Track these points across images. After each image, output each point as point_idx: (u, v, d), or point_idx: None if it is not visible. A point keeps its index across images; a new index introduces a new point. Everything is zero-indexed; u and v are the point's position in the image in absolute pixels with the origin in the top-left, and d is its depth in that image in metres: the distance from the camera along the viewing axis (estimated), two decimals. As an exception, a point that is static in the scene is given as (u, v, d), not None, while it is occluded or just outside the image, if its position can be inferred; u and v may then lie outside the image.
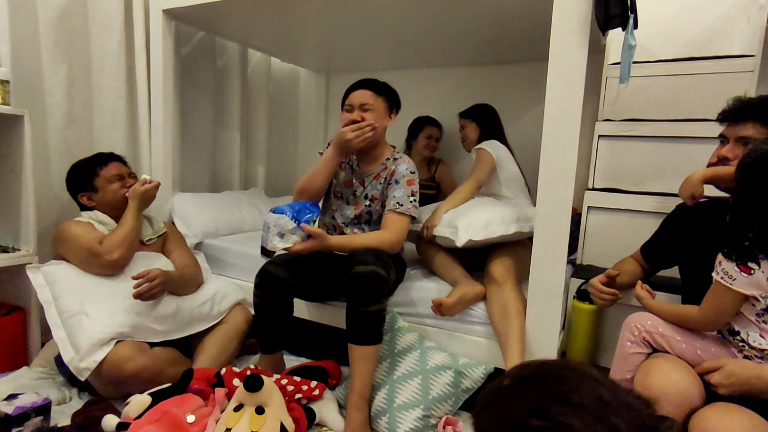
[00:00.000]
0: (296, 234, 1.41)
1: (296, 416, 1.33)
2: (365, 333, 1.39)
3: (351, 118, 1.59)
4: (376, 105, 1.60)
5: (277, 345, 1.62)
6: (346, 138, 1.54)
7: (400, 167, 1.63)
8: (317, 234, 1.42)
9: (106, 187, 1.68)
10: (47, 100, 1.93)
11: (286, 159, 3.30)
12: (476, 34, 2.08)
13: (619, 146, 1.86)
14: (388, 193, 1.62)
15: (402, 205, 1.58)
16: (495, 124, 2.07)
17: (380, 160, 1.68)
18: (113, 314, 1.49)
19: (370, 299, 1.37)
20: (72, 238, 1.60)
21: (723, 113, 1.27)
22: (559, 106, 1.33)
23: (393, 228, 1.57)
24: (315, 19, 2.00)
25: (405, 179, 1.61)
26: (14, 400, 1.29)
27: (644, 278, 1.49)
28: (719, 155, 1.26)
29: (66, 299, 1.52)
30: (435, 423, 1.42)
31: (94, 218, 1.68)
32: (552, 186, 1.36)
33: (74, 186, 1.71)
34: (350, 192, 1.70)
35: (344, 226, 1.70)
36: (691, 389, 1.02)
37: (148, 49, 2.15)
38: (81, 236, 1.59)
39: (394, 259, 1.61)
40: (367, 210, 1.67)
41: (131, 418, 1.29)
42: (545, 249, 1.39)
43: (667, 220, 1.46)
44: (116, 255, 1.57)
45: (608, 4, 1.25)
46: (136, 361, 1.43)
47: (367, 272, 1.37)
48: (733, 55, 1.72)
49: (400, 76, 2.84)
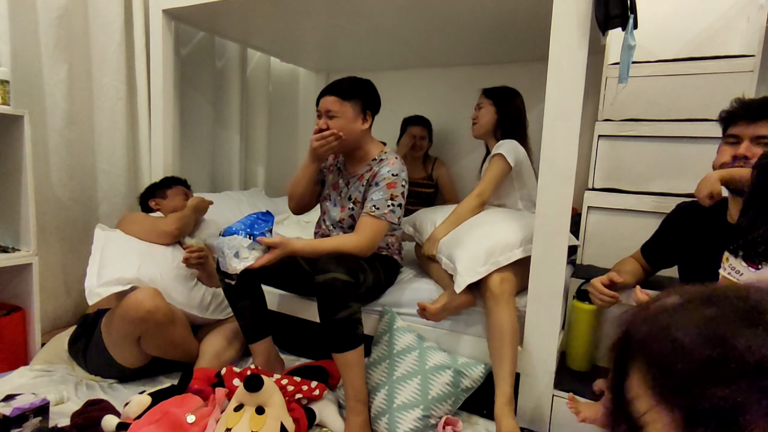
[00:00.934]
0: (256, 249, 1.39)
1: (296, 416, 1.33)
2: (340, 340, 1.37)
3: (318, 125, 1.55)
4: (343, 111, 1.52)
5: (259, 331, 1.60)
6: (311, 147, 1.55)
7: (383, 169, 1.55)
8: (277, 243, 1.39)
9: (173, 197, 1.97)
10: (47, 101, 1.93)
11: (286, 159, 3.30)
12: (476, 34, 2.08)
13: (619, 146, 1.86)
14: (367, 195, 1.56)
15: (378, 208, 1.50)
16: (516, 113, 1.82)
17: (366, 161, 1.63)
18: (146, 270, 1.63)
19: (336, 307, 1.34)
20: (139, 216, 1.88)
21: (734, 113, 1.24)
22: (559, 106, 1.33)
23: (364, 231, 1.50)
24: (315, 19, 2.00)
25: (385, 182, 1.53)
26: (12, 401, 1.28)
27: (644, 278, 1.50)
28: (736, 154, 1.21)
29: (111, 248, 1.68)
30: (435, 423, 1.42)
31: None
32: (552, 186, 1.36)
33: (147, 194, 2.01)
34: (337, 194, 1.69)
35: (331, 229, 1.69)
36: None
37: (148, 49, 2.15)
38: (147, 215, 1.90)
39: (373, 260, 1.57)
40: (350, 213, 1.63)
41: (131, 418, 1.29)
42: (545, 249, 1.39)
43: (666, 220, 1.46)
44: (174, 225, 1.80)
45: (608, 4, 1.25)
46: (154, 300, 1.50)
47: (327, 280, 1.33)
48: (733, 55, 1.72)
49: (400, 76, 2.85)
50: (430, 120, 2.60)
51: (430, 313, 1.50)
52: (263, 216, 1.46)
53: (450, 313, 1.55)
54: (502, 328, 1.43)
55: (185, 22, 2.21)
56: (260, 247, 1.39)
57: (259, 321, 1.61)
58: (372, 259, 1.57)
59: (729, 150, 1.24)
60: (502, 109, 1.82)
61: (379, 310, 1.67)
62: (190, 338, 1.69)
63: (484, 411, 1.51)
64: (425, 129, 2.56)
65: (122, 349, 1.56)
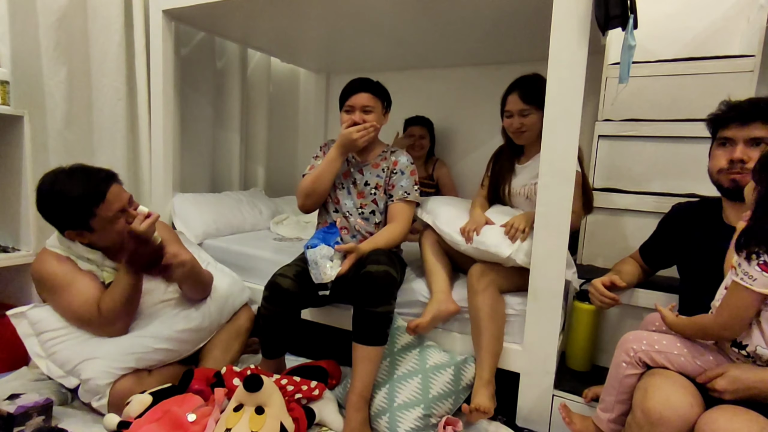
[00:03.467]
0: (336, 257, 1.49)
1: (296, 416, 1.33)
2: (371, 333, 1.40)
3: (353, 119, 1.63)
4: (376, 106, 1.66)
5: (280, 351, 1.63)
6: (352, 138, 1.60)
7: (402, 158, 1.71)
8: (352, 249, 1.50)
9: (108, 227, 1.38)
10: (47, 101, 1.94)
11: (286, 159, 3.31)
12: (476, 34, 2.08)
13: (619, 146, 1.86)
14: (394, 182, 1.69)
15: (409, 194, 1.67)
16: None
17: (376, 152, 1.74)
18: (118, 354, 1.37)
19: (380, 300, 1.39)
20: (58, 290, 1.37)
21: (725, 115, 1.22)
22: (559, 106, 1.33)
23: (402, 218, 1.66)
24: (315, 19, 2.01)
25: (408, 170, 1.70)
26: (16, 399, 1.30)
27: (644, 278, 1.50)
28: (733, 158, 1.19)
29: (63, 354, 1.37)
30: (435, 422, 1.42)
31: (76, 253, 1.42)
32: (552, 186, 1.36)
33: (60, 221, 1.38)
34: (350, 182, 1.74)
35: (349, 215, 1.73)
36: (692, 411, 0.99)
37: (148, 49, 2.16)
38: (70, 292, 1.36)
39: (399, 260, 1.65)
40: (372, 198, 1.71)
41: (132, 417, 1.29)
42: (545, 249, 1.39)
43: (663, 222, 1.46)
44: (118, 326, 1.38)
45: (608, 4, 1.25)
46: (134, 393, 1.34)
47: (380, 272, 1.40)
48: (733, 55, 1.72)
49: (399, 76, 2.85)
50: (431, 120, 2.60)
51: (422, 327, 1.51)
52: (329, 229, 1.62)
53: (440, 321, 1.57)
54: (478, 313, 1.47)
55: (185, 23, 2.21)
56: (339, 255, 1.50)
57: (284, 343, 1.63)
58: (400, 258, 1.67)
59: (723, 154, 1.22)
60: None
61: (380, 310, 1.67)
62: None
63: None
64: (424, 128, 2.57)
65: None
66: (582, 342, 1.57)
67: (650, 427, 1.00)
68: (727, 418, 0.93)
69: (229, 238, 2.26)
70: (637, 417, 1.03)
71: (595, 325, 1.58)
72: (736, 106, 1.21)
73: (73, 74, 2.00)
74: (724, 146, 1.22)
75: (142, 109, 2.22)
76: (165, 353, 1.46)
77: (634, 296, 1.51)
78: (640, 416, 1.02)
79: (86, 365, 1.35)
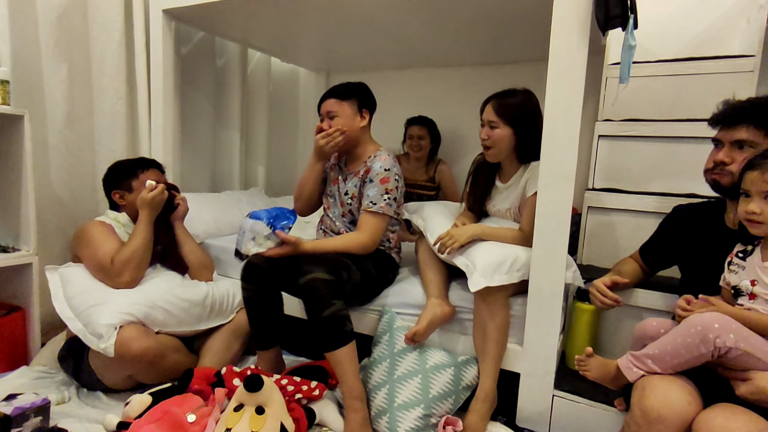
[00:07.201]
0: (271, 239, 1.49)
1: (296, 416, 1.33)
2: (329, 338, 1.39)
3: (320, 126, 1.66)
4: (341, 110, 1.64)
5: (270, 340, 1.63)
6: (318, 145, 1.64)
7: (375, 165, 1.63)
8: (290, 241, 1.50)
9: (141, 189, 1.68)
10: (47, 101, 1.93)
11: (286, 159, 3.30)
12: (476, 34, 2.08)
13: (619, 146, 1.86)
14: (364, 191, 1.64)
15: (375, 204, 1.59)
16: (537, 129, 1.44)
17: (363, 159, 1.70)
18: (125, 302, 1.51)
19: (320, 306, 1.36)
20: (89, 244, 1.62)
21: (715, 117, 1.25)
22: (559, 106, 1.33)
23: (365, 228, 1.60)
24: (315, 19, 2.00)
25: (378, 177, 1.60)
26: (13, 400, 1.29)
27: (644, 279, 1.50)
28: (715, 160, 1.23)
29: (79, 298, 1.54)
30: (435, 422, 1.42)
31: (117, 219, 1.72)
32: (552, 186, 1.36)
33: (111, 182, 1.75)
34: (336, 190, 1.75)
35: (335, 224, 1.74)
36: (690, 409, 0.98)
37: (148, 49, 2.15)
38: (97, 245, 1.60)
39: (360, 258, 1.58)
40: (348, 208, 1.70)
41: (132, 417, 1.29)
42: (545, 249, 1.39)
43: (663, 223, 1.46)
44: (125, 278, 1.57)
45: (608, 4, 1.25)
46: (141, 341, 1.44)
47: (307, 281, 1.37)
48: (733, 55, 1.72)
49: (400, 76, 2.85)
50: (432, 120, 2.60)
51: (419, 334, 1.50)
52: (289, 213, 1.56)
53: (437, 326, 1.56)
54: (486, 325, 1.46)
55: (185, 22, 2.21)
56: (275, 239, 1.49)
57: (273, 330, 1.63)
58: (359, 257, 1.58)
59: (712, 155, 1.26)
60: (520, 132, 1.54)
61: (379, 310, 1.67)
62: (184, 359, 1.62)
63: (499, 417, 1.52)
64: (424, 128, 2.54)
65: (112, 378, 1.55)
66: (582, 342, 1.56)
67: (648, 425, 1.00)
68: (725, 418, 0.93)
69: (229, 238, 2.25)
70: (636, 415, 1.03)
71: (595, 325, 1.58)
72: (725, 108, 1.23)
73: (73, 73, 2.00)
74: (716, 147, 1.26)
75: (143, 108, 2.22)
76: (165, 314, 1.56)
77: (634, 296, 1.51)
78: (639, 415, 1.02)
79: (95, 309, 1.48)
